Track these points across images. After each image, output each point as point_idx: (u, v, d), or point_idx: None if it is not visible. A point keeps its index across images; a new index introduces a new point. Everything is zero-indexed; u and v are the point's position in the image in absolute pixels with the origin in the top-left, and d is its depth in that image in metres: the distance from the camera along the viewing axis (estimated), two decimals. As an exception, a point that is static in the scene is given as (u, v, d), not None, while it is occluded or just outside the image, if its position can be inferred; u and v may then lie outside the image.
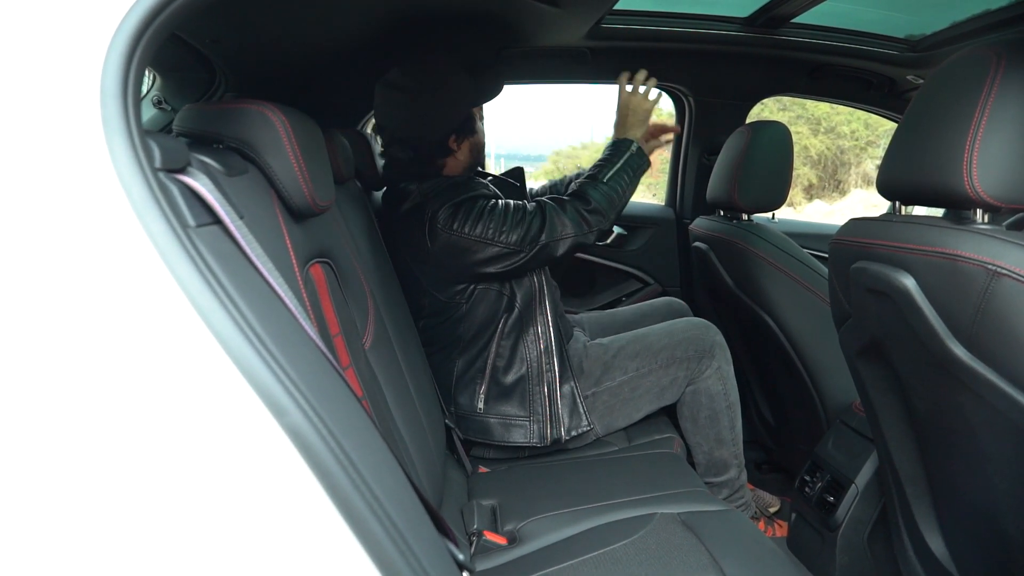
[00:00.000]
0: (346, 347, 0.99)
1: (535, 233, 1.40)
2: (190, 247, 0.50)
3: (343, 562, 0.50)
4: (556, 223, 1.41)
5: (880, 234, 0.98)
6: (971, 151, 0.81)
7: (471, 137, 1.54)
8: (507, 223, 1.39)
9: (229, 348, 0.49)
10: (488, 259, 1.41)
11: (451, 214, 1.39)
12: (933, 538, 1.13)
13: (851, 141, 15.01)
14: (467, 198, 1.41)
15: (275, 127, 0.80)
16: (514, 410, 1.52)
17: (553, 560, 1.09)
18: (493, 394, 1.53)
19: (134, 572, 0.48)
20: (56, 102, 0.48)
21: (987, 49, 0.82)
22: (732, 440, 1.59)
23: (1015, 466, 0.89)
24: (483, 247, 1.40)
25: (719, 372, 1.58)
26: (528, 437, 1.50)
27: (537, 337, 1.52)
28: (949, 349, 0.86)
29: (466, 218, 1.39)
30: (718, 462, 1.60)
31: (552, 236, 1.41)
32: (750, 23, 1.87)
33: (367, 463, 0.53)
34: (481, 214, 1.39)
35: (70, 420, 0.47)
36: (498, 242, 1.39)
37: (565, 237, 1.42)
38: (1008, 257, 0.77)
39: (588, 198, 1.44)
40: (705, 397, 1.57)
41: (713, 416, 1.58)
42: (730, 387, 1.59)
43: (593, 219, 1.44)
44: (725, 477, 1.61)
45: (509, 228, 1.39)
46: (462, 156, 1.54)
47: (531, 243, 1.40)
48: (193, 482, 0.48)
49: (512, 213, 1.41)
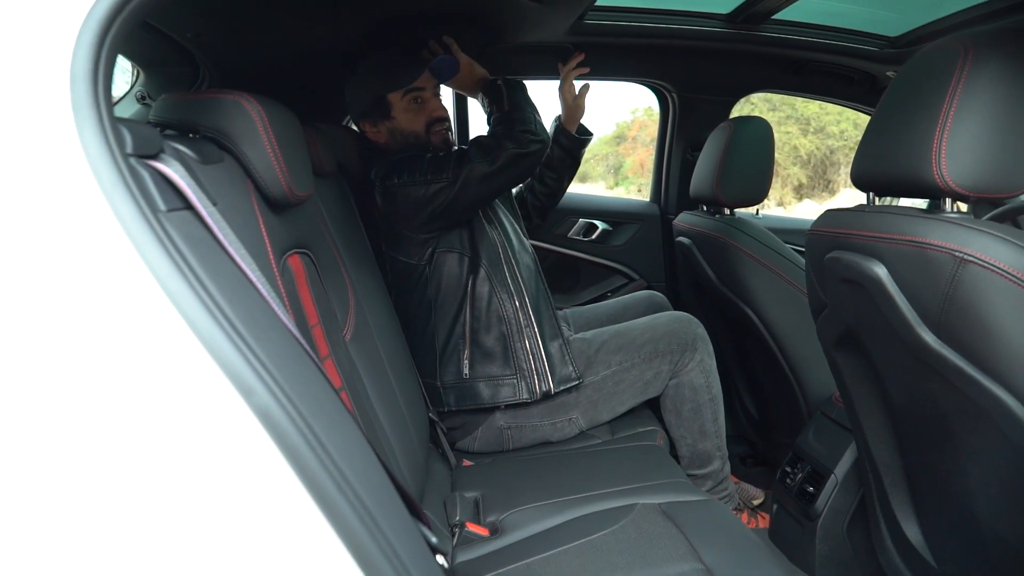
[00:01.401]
0: (325, 338, 0.99)
1: (465, 157, 1.45)
2: (160, 231, 0.50)
3: (311, 540, 0.50)
4: (483, 143, 1.47)
5: (854, 224, 0.99)
6: (940, 141, 0.82)
7: (386, 122, 1.57)
8: (439, 163, 1.45)
9: (198, 330, 0.49)
10: (429, 196, 1.44)
11: (388, 171, 1.47)
12: (909, 526, 1.15)
13: (840, 141, 15.10)
14: (402, 157, 1.49)
15: (251, 116, 0.80)
16: (499, 369, 1.53)
17: (534, 550, 1.10)
18: (477, 357, 1.54)
19: (100, 547, 0.48)
20: (25, 86, 0.49)
21: (956, 42, 0.84)
22: (715, 432, 1.61)
23: (985, 451, 0.91)
24: (421, 187, 1.44)
25: (702, 365, 1.59)
26: (517, 393, 1.52)
27: (511, 294, 1.54)
28: (919, 336, 0.88)
29: (402, 169, 1.45)
30: (701, 454, 1.61)
31: (482, 154, 1.45)
32: (731, 19, 1.89)
33: (337, 445, 0.54)
34: (414, 162, 1.46)
35: (38, 401, 0.47)
36: (434, 179, 1.44)
37: (498, 150, 1.45)
38: (974, 244, 0.79)
39: (506, 119, 1.50)
40: (688, 390, 1.58)
41: (696, 409, 1.59)
42: (712, 380, 1.61)
43: (516, 122, 1.48)
44: (709, 469, 1.62)
45: (442, 164, 1.45)
46: (382, 138, 1.59)
47: (463, 165, 1.44)
48: (160, 462, 0.49)
49: (444, 156, 1.48)
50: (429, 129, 1.58)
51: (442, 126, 1.60)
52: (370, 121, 1.58)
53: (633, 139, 17.37)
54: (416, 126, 1.57)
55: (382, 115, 1.56)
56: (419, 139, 1.58)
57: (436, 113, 1.59)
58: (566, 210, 2.37)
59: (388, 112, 1.56)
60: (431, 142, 1.58)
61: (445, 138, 1.61)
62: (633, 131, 17.38)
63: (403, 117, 1.56)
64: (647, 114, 16.45)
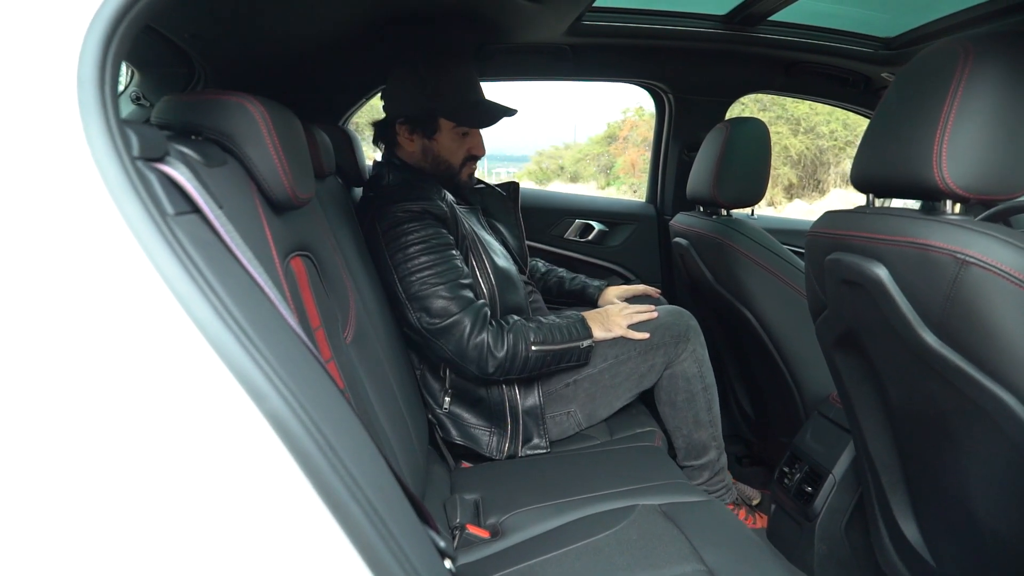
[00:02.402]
0: (327, 341, 0.99)
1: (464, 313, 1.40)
2: (168, 235, 0.50)
3: (323, 545, 0.50)
4: (475, 330, 1.40)
5: (854, 226, 1.00)
6: (941, 143, 0.83)
7: (425, 140, 1.54)
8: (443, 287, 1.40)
9: (208, 334, 0.49)
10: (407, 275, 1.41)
11: (390, 233, 1.42)
12: (907, 525, 1.16)
13: (830, 141, 15.20)
14: (417, 227, 1.42)
15: (255, 118, 0.79)
16: (474, 418, 1.53)
17: (535, 552, 1.09)
18: (457, 395, 1.54)
19: (111, 551, 0.48)
20: (33, 89, 0.48)
21: (956, 44, 0.84)
22: (710, 422, 1.62)
23: (984, 451, 0.92)
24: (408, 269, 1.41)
25: (694, 355, 1.60)
26: (488, 449, 1.52)
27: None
28: (920, 337, 0.88)
29: (407, 244, 1.41)
30: (697, 444, 1.62)
31: (458, 335, 1.39)
32: (728, 20, 1.90)
33: (347, 449, 0.54)
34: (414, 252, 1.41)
35: (50, 404, 0.47)
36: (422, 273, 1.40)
37: (465, 339, 1.39)
38: (976, 246, 0.79)
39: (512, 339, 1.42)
40: (682, 380, 1.59)
41: (690, 398, 1.60)
42: (705, 369, 1.61)
43: (494, 359, 1.41)
44: (705, 459, 1.63)
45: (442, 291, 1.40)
46: (412, 149, 1.56)
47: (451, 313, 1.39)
48: (173, 467, 0.48)
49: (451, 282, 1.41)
50: (464, 163, 1.58)
51: (474, 162, 1.59)
52: (409, 128, 1.53)
53: (624, 139, 17.43)
54: (454, 157, 1.56)
55: (426, 131, 1.53)
56: (450, 169, 1.57)
57: (476, 151, 1.58)
58: (562, 211, 2.37)
59: (434, 132, 1.53)
60: (460, 175, 1.58)
61: (471, 172, 1.61)
62: (624, 131, 17.44)
63: (445, 143, 1.54)
64: (638, 114, 16.51)
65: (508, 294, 1.56)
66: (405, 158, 1.57)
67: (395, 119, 1.55)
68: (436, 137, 1.53)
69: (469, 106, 1.52)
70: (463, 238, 1.50)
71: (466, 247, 1.51)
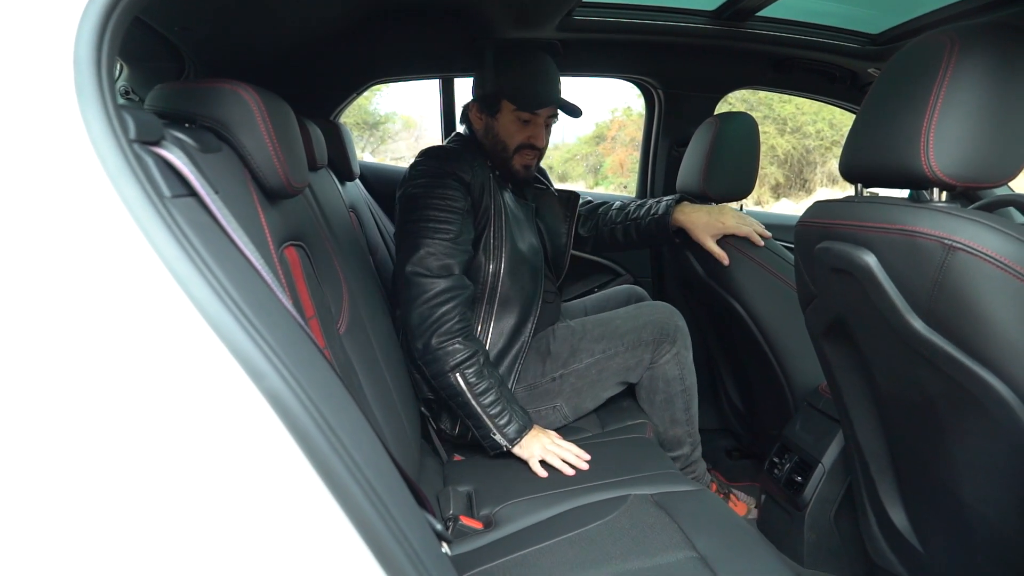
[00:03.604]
0: (321, 331, 0.99)
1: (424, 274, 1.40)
2: (167, 216, 0.50)
3: (323, 525, 0.50)
4: (429, 294, 1.38)
5: (843, 214, 1.01)
6: (928, 132, 0.84)
7: (488, 118, 1.58)
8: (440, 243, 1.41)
9: (207, 314, 0.49)
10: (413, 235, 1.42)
11: (415, 192, 1.45)
12: (896, 512, 1.17)
13: (816, 141, 15.28)
14: (435, 200, 1.44)
15: (249, 106, 0.80)
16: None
17: (528, 542, 1.10)
18: None
19: (113, 531, 0.48)
20: (29, 71, 0.48)
21: (942, 35, 0.86)
22: (686, 420, 1.64)
23: (971, 436, 0.93)
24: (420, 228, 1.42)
25: (677, 358, 1.61)
26: (454, 426, 1.53)
27: (487, 334, 1.53)
28: (908, 323, 0.89)
29: (424, 206, 1.43)
30: (672, 439, 1.65)
31: (416, 292, 1.39)
32: (717, 16, 1.91)
33: (346, 430, 0.54)
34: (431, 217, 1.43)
35: (51, 385, 0.47)
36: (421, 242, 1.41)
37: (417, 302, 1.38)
38: (963, 232, 0.81)
39: (455, 363, 1.38)
40: (662, 382, 1.61)
41: (668, 399, 1.62)
42: (687, 372, 1.63)
43: (424, 339, 1.38)
44: (678, 453, 1.66)
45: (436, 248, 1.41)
46: (479, 126, 1.60)
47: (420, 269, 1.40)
48: (172, 446, 0.48)
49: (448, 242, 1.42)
50: (518, 149, 1.59)
51: (531, 153, 1.60)
52: (479, 106, 1.59)
53: (612, 139, 17.45)
54: (511, 140, 1.58)
55: (490, 109, 1.57)
56: (504, 152, 1.59)
57: (532, 140, 1.59)
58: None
59: (496, 111, 1.56)
60: (513, 163, 1.60)
61: (528, 164, 1.62)
62: (612, 131, 17.45)
63: (503, 125, 1.57)
64: (626, 114, 16.52)
65: (517, 278, 1.56)
66: (475, 133, 1.62)
67: (473, 96, 1.62)
68: (498, 117, 1.57)
69: (529, 93, 1.54)
70: (486, 209, 1.52)
71: (488, 218, 1.53)
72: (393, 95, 14.86)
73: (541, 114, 1.56)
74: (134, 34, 1.43)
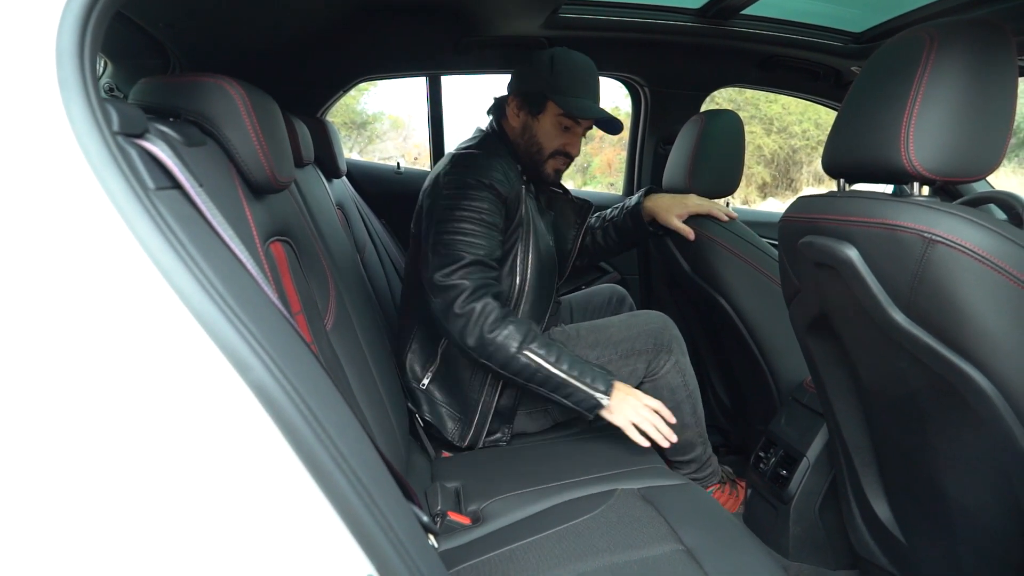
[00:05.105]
0: (308, 326, 0.98)
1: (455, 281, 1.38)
2: (151, 208, 0.50)
3: (308, 515, 0.51)
4: (470, 300, 1.37)
5: (826, 209, 1.02)
6: (908, 127, 0.85)
7: (530, 117, 1.56)
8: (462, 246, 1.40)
9: (192, 305, 0.49)
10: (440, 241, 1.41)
11: (452, 192, 1.44)
12: (879, 504, 1.19)
13: (803, 140, 15.36)
14: (470, 199, 1.43)
15: (234, 100, 0.79)
16: (446, 401, 1.55)
17: (516, 537, 1.10)
18: (440, 373, 1.55)
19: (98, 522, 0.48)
20: (11, 63, 0.48)
21: (922, 31, 0.87)
22: (695, 423, 1.63)
23: (953, 428, 0.94)
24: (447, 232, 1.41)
25: (677, 366, 1.61)
26: (451, 434, 1.54)
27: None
28: (890, 316, 0.90)
29: (457, 207, 1.42)
30: (684, 444, 1.63)
31: (453, 296, 1.38)
32: (702, 14, 1.93)
33: (332, 422, 0.54)
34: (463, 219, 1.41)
35: (36, 377, 0.47)
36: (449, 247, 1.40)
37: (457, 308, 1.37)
38: (942, 225, 0.82)
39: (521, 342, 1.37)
40: (666, 391, 1.60)
41: (675, 407, 1.59)
42: (688, 377, 1.63)
43: (488, 340, 1.36)
44: (692, 455, 1.65)
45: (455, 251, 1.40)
46: (515, 124, 1.58)
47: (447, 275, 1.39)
48: (159, 438, 0.48)
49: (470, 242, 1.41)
50: (552, 154, 1.58)
51: (564, 160, 1.61)
52: (520, 103, 1.56)
53: (600, 139, 17.46)
54: (547, 143, 1.57)
55: (532, 109, 1.55)
56: (539, 155, 1.58)
57: (568, 147, 1.59)
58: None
59: (539, 112, 1.55)
60: (545, 166, 1.59)
61: (559, 169, 1.62)
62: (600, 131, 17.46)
63: (544, 127, 1.56)
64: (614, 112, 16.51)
65: (536, 289, 1.57)
66: (506, 130, 1.59)
67: (512, 92, 1.59)
68: (539, 117, 1.55)
69: (579, 99, 1.53)
70: (519, 222, 1.52)
71: (519, 232, 1.53)
72: (381, 95, 14.75)
73: (583, 123, 1.56)
74: (118, 30, 1.42)
